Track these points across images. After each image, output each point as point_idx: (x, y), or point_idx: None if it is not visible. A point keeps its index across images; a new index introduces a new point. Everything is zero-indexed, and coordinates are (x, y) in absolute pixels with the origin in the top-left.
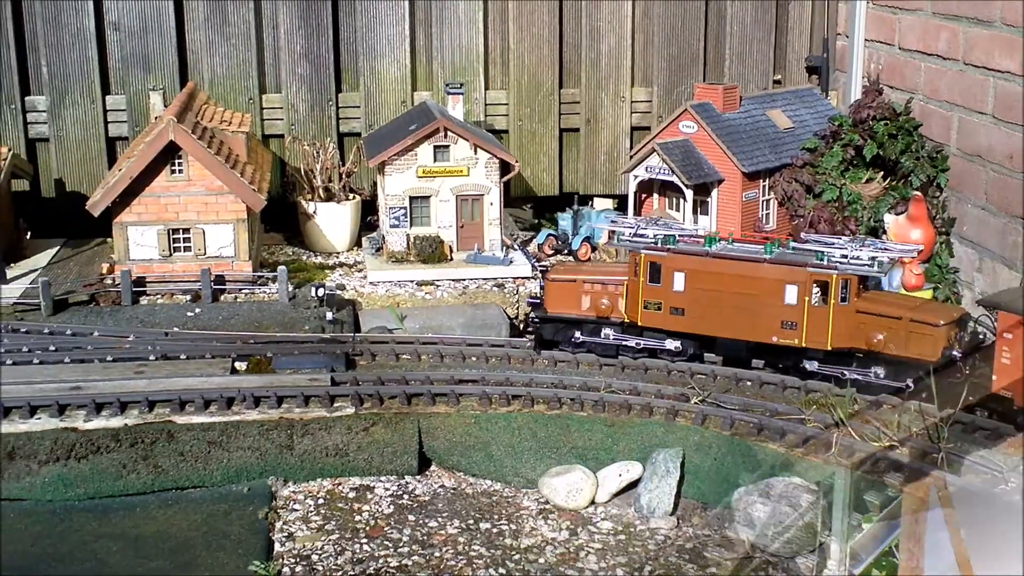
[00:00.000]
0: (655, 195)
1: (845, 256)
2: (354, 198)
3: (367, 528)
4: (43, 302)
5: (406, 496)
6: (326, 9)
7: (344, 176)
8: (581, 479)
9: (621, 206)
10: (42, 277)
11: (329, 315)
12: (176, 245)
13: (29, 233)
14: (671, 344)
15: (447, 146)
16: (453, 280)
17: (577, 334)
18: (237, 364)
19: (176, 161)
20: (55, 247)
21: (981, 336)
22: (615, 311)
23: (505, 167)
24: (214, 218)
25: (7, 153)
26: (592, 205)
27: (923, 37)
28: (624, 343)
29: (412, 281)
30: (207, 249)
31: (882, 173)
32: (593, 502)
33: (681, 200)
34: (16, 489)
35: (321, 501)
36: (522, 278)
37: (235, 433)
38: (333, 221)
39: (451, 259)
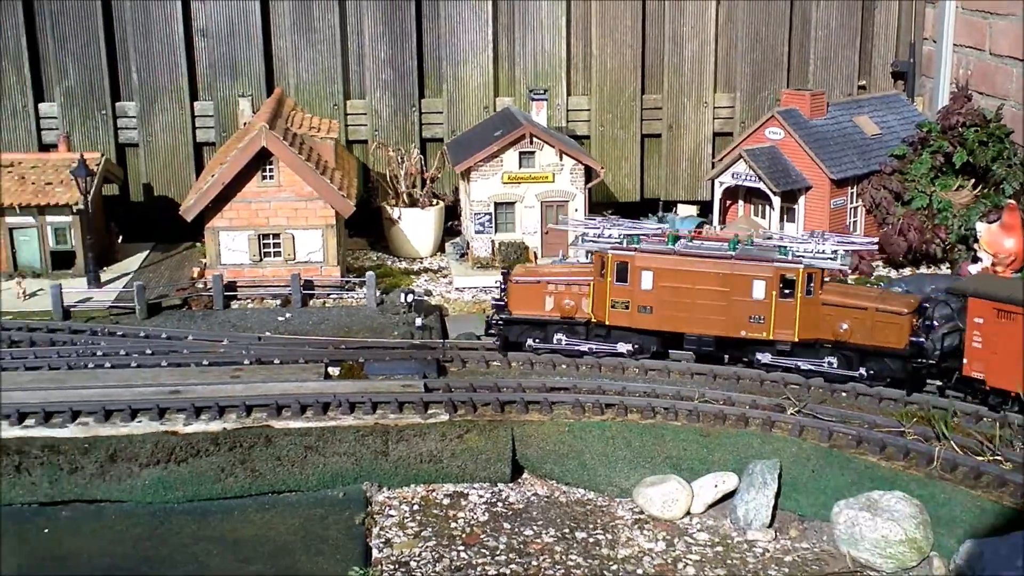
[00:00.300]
0: (740, 201)
1: (809, 250)
2: (437, 203)
3: (463, 535)
4: (138, 306)
5: (500, 504)
6: (410, 15)
7: (428, 182)
8: (676, 489)
9: (703, 212)
10: (136, 281)
11: (418, 321)
12: (266, 250)
13: (120, 237)
14: (623, 347)
15: (533, 152)
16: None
17: (530, 341)
18: (330, 369)
19: (267, 167)
20: (145, 251)
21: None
22: (579, 311)
23: (589, 173)
24: (304, 224)
25: (100, 158)
26: (676, 211)
27: (1016, 42)
28: (576, 347)
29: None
30: (296, 254)
31: (973, 181)
32: (688, 513)
33: (767, 207)
34: (117, 491)
35: (416, 507)
36: None
37: (331, 438)
38: (417, 226)
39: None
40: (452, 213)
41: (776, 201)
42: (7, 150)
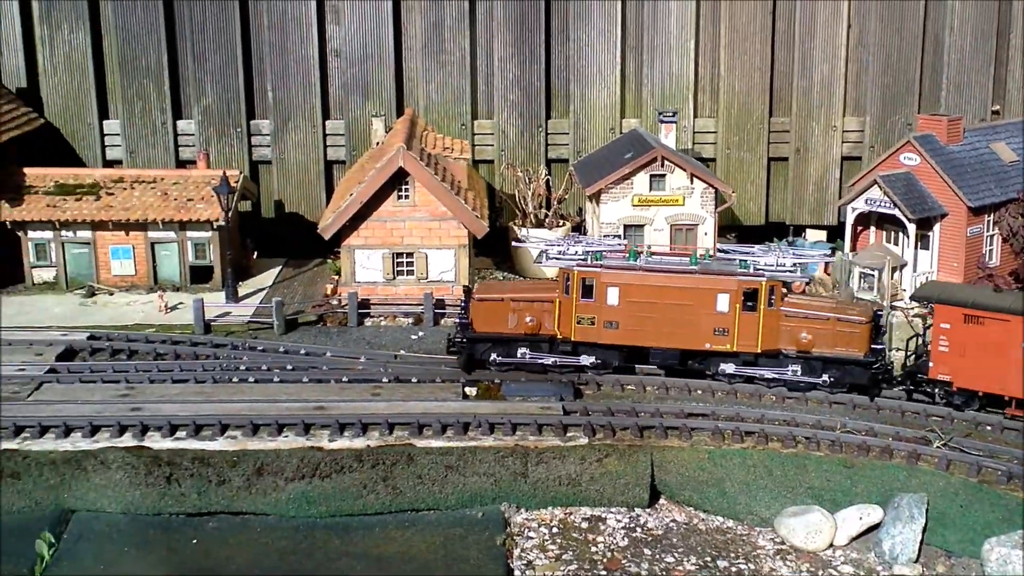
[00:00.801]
0: (872, 228)
1: (770, 264)
2: (564, 224)
3: (604, 560)
4: (276, 321)
5: (639, 529)
6: (540, 37)
7: (555, 203)
8: (820, 520)
9: (831, 237)
10: (274, 297)
11: None
12: (399, 269)
13: (255, 253)
14: (586, 360)
15: (663, 175)
16: None
17: (493, 356)
18: (467, 389)
19: (403, 187)
20: (277, 267)
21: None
22: (543, 328)
23: (718, 196)
24: (437, 243)
25: (239, 176)
26: (805, 236)
27: None
28: (540, 360)
29: None
30: (429, 273)
31: None
32: (831, 545)
33: (900, 234)
34: (262, 504)
35: (555, 530)
36: None
37: (471, 458)
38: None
39: None
40: (579, 233)
41: (911, 228)
42: (147, 166)
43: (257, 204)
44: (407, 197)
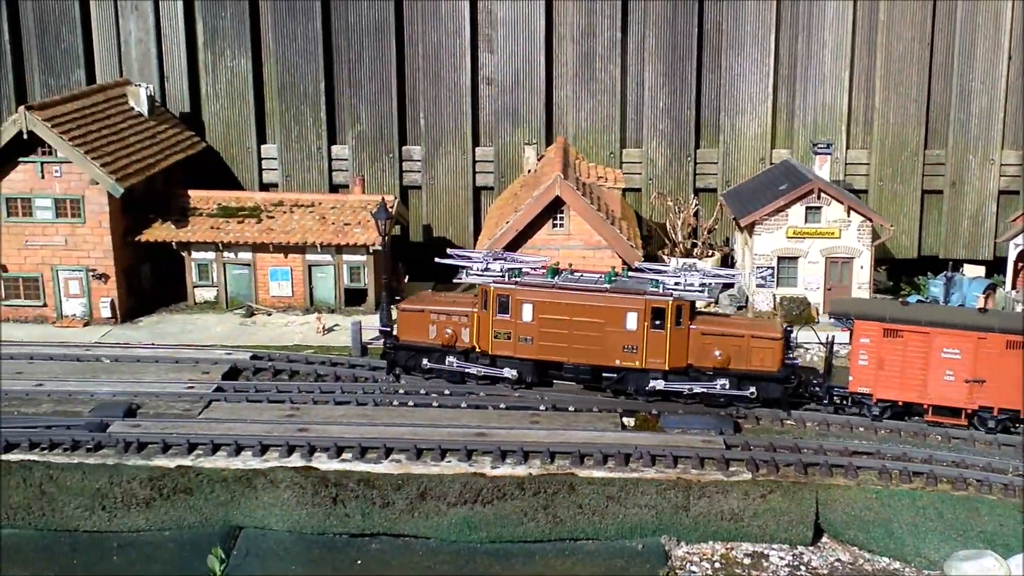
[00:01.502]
0: None
1: (678, 283)
2: (713, 254)
3: None
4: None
5: (803, 567)
6: (691, 66)
7: (705, 232)
8: (994, 566)
9: (990, 272)
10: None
11: None
12: None
13: (407, 276)
14: (509, 372)
15: (819, 208)
16: (820, 343)
17: (425, 361)
18: (624, 419)
19: (558, 216)
20: (427, 290)
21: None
22: (459, 340)
23: (875, 230)
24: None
25: (394, 201)
26: (963, 271)
27: None
28: (466, 371)
29: None
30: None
31: None
32: None
33: None
34: (424, 527)
35: (717, 564)
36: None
37: (633, 490)
38: None
39: (817, 321)
40: (726, 264)
41: None
42: (301, 190)
43: (406, 228)
44: (562, 226)
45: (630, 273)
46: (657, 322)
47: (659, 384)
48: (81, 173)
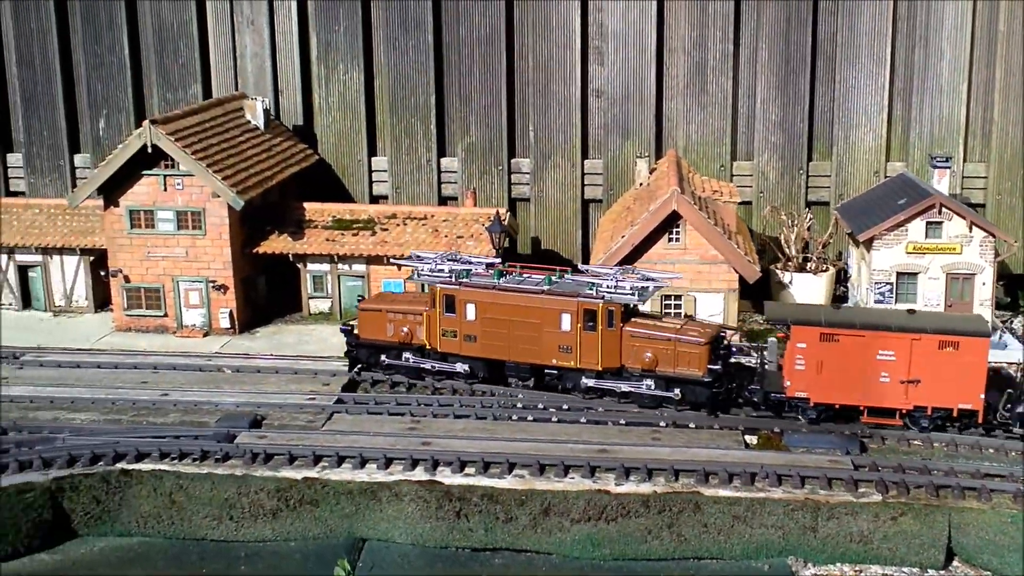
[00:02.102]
0: None
1: (611, 287)
2: (827, 269)
3: None
4: None
5: None
6: (804, 78)
7: (819, 247)
8: None
9: None
10: None
11: None
12: (667, 311)
13: None
14: (460, 367)
15: (940, 223)
16: None
17: (383, 357)
18: (747, 437)
19: (674, 230)
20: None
21: (734, 350)
22: (415, 338)
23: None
24: (706, 286)
25: (506, 215)
26: None
27: None
28: (422, 366)
29: (1020, 368)
30: (697, 316)
31: None
32: None
33: None
34: (547, 543)
35: None
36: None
37: (760, 510)
38: (808, 291)
39: None
40: (840, 278)
41: None
42: (411, 202)
43: (514, 241)
44: (678, 240)
45: (572, 276)
46: (590, 324)
47: (591, 382)
48: (203, 186)
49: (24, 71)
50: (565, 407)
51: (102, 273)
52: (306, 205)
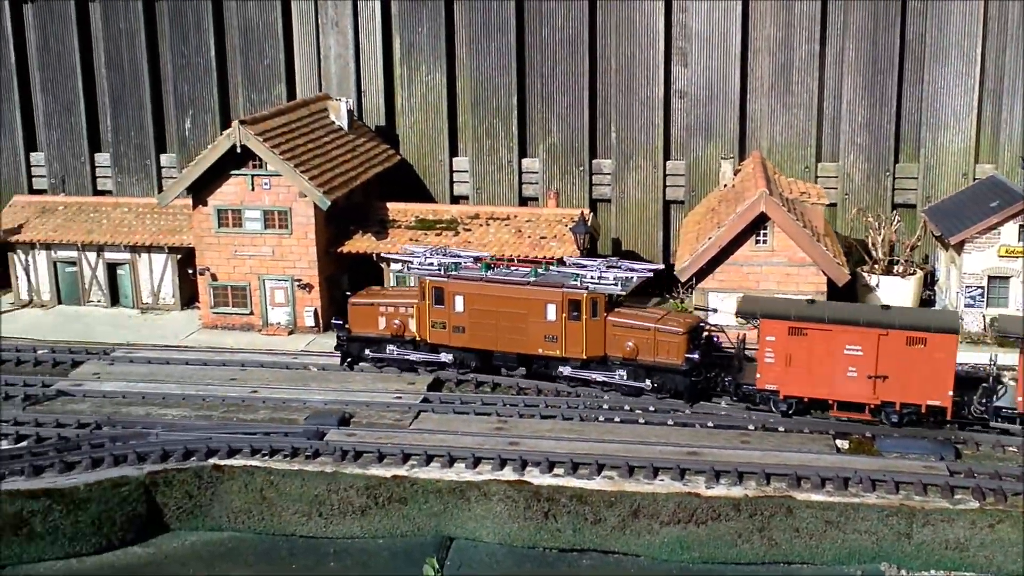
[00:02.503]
0: None
1: (595, 278)
2: (915, 272)
3: None
4: None
5: None
6: (891, 79)
7: (907, 249)
8: None
9: None
10: None
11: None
12: None
13: None
14: (445, 357)
15: None
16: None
17: (367, 351)
18: (838, 441)
19: (762, 232)
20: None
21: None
22: (407, 330)
23: None
24: (794, 289)
25: (589, 215)
26: None
27: None
28: (407, 357)
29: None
30: None
31: None
32: None
33: None
34: (635, 545)
35: None
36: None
37: (853, 515)
38: (895, 295)
39: None
40: (927, 282)
41: None
42: (491, 202)
43: (594, 242)
44: (765, 242)
45: (557, 268)
46: (575, 314)
47: (566, 371)
48: (290, 186)
49: (112, 72)
50: (651, 408)
51: (189, 271)
52: (389, 205)
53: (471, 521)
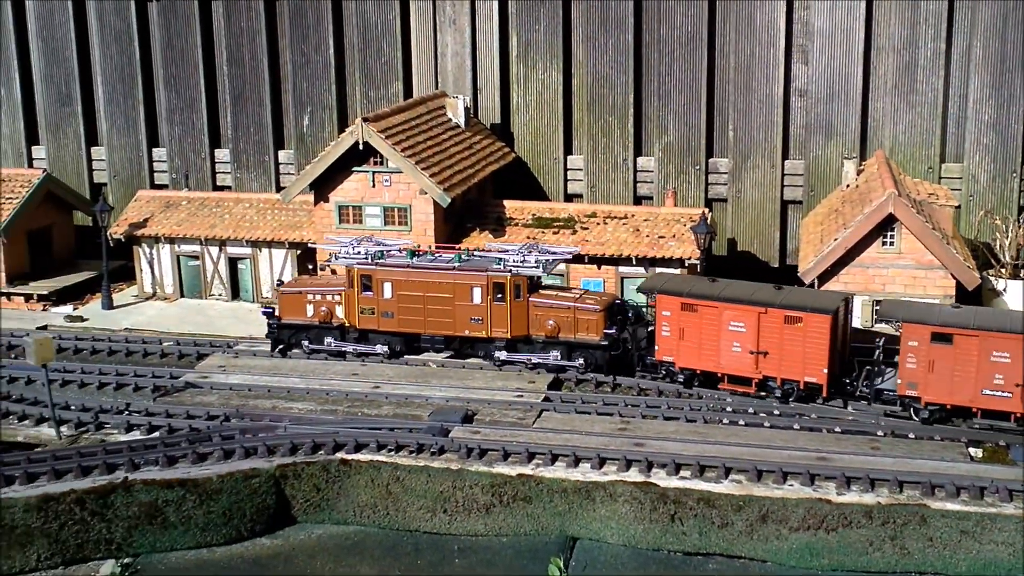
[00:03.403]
0: None
1: (518, 261)
2: None
3: None
4: None
5: None
6: (1019, 79)
7: None
8: None
9: None
10: None
11: None
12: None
13: None
14: (381, 349)
15: None
16: None
17: (305, 340)
18: (970, 450)
19: (888, 233)
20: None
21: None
22: (334, 317)
23: None
24: (921, 292)
25: (710, 215)
26: None
27: None
28: (343, 348)
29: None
30: None
31: None
32: None
33: None
34: (762, 550)
35: None
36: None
37: (990, 525)
38: (1022, 299)
39: None
40: None
41: None
42: (605, 201)
43: (712, 241)
44: (892, 244)
45: (480, 253)
46: (499, 296)
47: (503, 355)
48: (410, 182)
49: (233, 69)
50: (776, 412)
51: (309, 266)
52: (506, 203)
53: (596, 522)
